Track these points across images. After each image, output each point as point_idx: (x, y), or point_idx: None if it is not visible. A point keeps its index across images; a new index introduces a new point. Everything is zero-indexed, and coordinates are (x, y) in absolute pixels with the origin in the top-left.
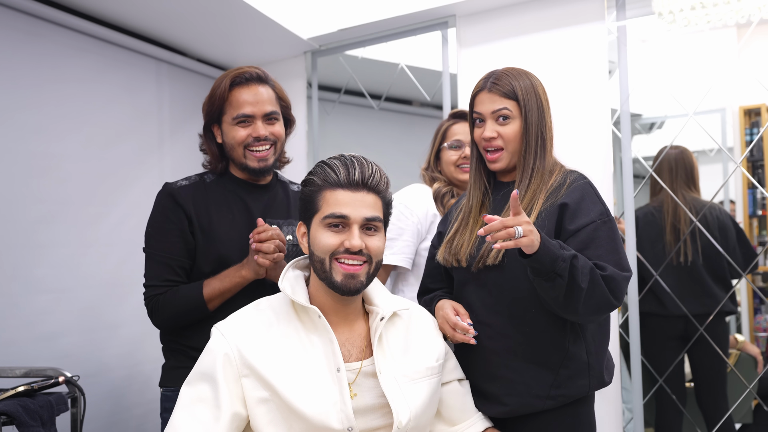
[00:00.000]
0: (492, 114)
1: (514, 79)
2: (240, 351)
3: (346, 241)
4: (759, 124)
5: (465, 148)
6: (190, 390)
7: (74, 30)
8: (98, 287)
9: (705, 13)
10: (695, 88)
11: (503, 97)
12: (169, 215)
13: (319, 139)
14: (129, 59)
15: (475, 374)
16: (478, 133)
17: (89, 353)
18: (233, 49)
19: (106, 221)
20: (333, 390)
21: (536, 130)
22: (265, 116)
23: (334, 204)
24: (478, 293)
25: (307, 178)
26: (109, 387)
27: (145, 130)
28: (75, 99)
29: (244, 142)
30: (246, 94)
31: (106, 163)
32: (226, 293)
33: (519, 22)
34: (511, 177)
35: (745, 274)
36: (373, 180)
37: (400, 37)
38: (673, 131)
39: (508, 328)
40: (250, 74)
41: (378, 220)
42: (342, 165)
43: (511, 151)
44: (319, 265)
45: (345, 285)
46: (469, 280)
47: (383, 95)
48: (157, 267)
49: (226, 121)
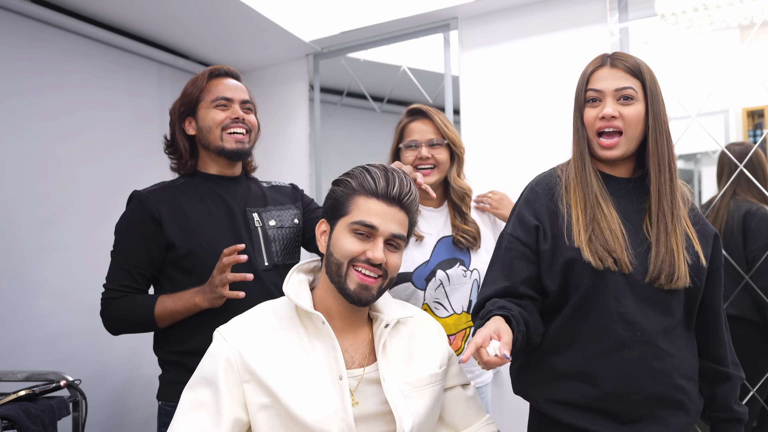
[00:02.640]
0: (615, 92)
1: (636, 59)
2: (242, 356)
3: (369, 251)
4: (762, 125)
5: (421, 149)
6: (191, 395)
7: (76, 33)
8: (100, 291)
9: (708, 15)
10: (698, 90)
11: (628, 74)
12: (133, 220)
13: (321, 141)
14: (131, 62)
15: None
16: (593, 114)
17: (91, 357)
18: (235, 52)
19: (109, 224)
20: (334, 398)
21: (663, 117)
22: (242, 102)
23: (366, 212)
24: (642, 308)
25: (343, 178)
26: (110, 391)
27: (147, 133)
28: (77, 102)
29: (222, 123)
30: (224, 82)
31: (109, 166)
32: (177, 316)
33: (521, 24)
34: (619, 171)
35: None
36: (408, 199)
37: (402, 39)
38: (676, 133)
39: (674, 349)
40: (227, 69)
41: (402, 238)
42: (383, 176)
43: (630, 138)
44: (335, 268)
45: (357, 295)
46: (629, 288)
47: (385, 98)
48: (117, 271)
49: (203, 107)
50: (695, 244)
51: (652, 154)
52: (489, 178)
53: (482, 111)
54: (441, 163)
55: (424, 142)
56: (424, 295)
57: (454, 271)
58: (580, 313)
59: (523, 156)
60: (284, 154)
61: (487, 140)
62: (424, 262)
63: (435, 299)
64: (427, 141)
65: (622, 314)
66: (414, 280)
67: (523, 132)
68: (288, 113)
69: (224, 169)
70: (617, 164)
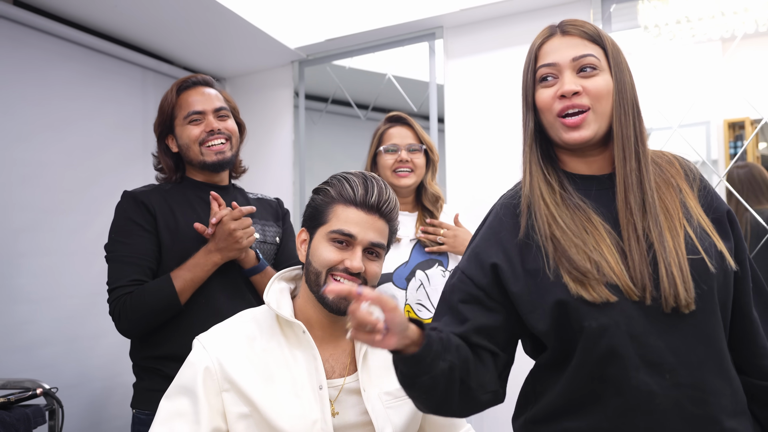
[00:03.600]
0: (572, 62)
1: (593, 25)
2: (221, 364)
3: (347, 260)
4: (743, 137)
5: (401, 152)
6: (169, 404)
7: (59, 37)
8: (80, 296)
9: (690, 27)
10: (680, 101)
11: (586, 40)
12: (132, 216)
13: (306, 148)
14: (114, 67)
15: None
16: (549, 94)
17: (70, 364)
18: (221, 58)
19: (90, 230)
20: (314, 408)
21: (630, 93)
22: (215, 111)
23: (344, 221)
24: (666, 339)
25: (322, 187)
26: (89, 398)
27: (131, 139)
28: (59, 107)
29: (199, 139)
30: (193, 94)
31: (90, 171)
32: (198, 282)
33: (505, 34)
34: (595, 166)
35: None
36: (388, 207)
37: (388, 47)
38: (658, 144)
39: (718, 382)
40: (196, 79)
41: (382, 246)
42: (362, 184)
43: (600, 113)
44: (313, 277)
45: (336, 304)
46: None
47: (370, 105)
48: (124, 268)
49: (179, 124)
50: (716, 240)
51: (616, 138)
52: (473, 186)
53: (467, 120)
54: (419, 168)
55: (404, 146)
56: (405, 295)
57: (433, 271)
58: (590, 364)
59: (508, 165)
60: (268, 161)
61: (472, 149)
62: (404, 263)
63: (417, 300)
64: (407, 145)
65: (643, 356)
66: (395, 280)
67: (508, 141)
68: (273, 120)
69: (211, 178)
70: (590, 157)
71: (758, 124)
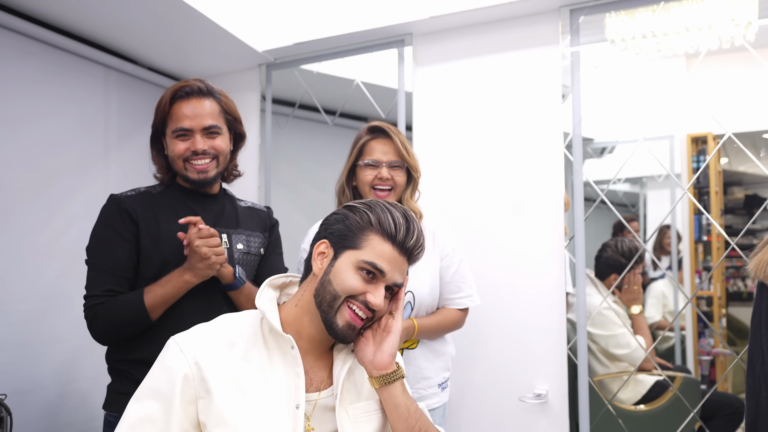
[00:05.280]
0: None
1: None
2: (199, 369)
3: (369, 294)
4: (705, 152)
5: (381, 169)
6: (139, 407)
7: (17, 32)
8: (34, 300)
9: (656, 42)
10: (645, 115)
11: None
12: (114, 225)
13: (272, 153)
14: (76, 65)
15: None
16: None
17: (21, 370)
18: (186, 58)
19: (45, 231)
20: (286, 427)
21: None
22: (204, 130)
23: (380, 255)
24: None
25: (361, 207)
26: (42, 405)
27: (91, 139)
28: (16, 104)
29: (183, 156)
30: (186, 108)
31: (47, 171)
32: (170, 299)
33: (475, 43)
34: None
35: (690, 298)
36: (419, 253)
37: (357, 53)
38: (623, 156)
39: None
40: (191, 88)
41: (400, 286)
42: (405, 225)
43: None
44: (329, 297)
45: (343, 333)
46: None
47: (338, 111)
48: (100, 276)
49: (168, 135)
50: None
51: None
52: (440, 194)
53: (435, 127)
54: (398, 186)
55: (385, 162)
56: None
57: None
58: None
59: (475, 173)
60: None
61: (439, 157)
62: None
63: None
64: (387, 162)
65: None
66: None
67: (475, 149)
68: None
69: (200, 186)
70: None
71: (720, 140)
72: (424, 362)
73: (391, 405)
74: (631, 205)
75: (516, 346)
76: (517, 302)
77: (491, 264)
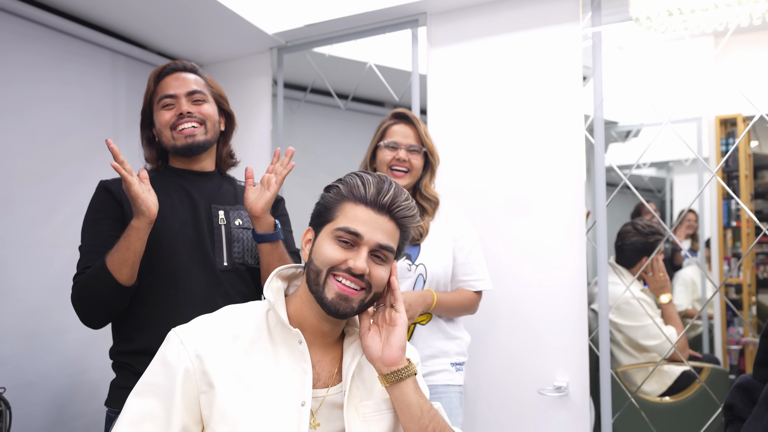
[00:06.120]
0: None
1: None
2: (201, 363)
3: (350, 260)
4: (735, 134)
5: (400, 150)
6: (139, 403)
7: (22, 17)
8: (42, 290)
9: (683, 20)
10: (672, 97)
11: None
12: (99, 206)
13: (284, 138)
14: (82, 50)
15: None
16: None
17: (29, 361)
18: (195, 43)
19: (52, 221)
20: (290, 425)
21: None
22: (188, 94)
23: (352, 219)
24: None
25: (334, 184)
26: (50, 396)
27: (99, 126)
28: (21, 90)
29: (169, 123)
30: (170, 80)
31: (54, 159)
32: (126, 253)
33: (491, 21)
34: None
35: (719, 286)
36: (400, 209)
37: (369, 34)
38: (648, 140)
39: None
40: (175, 65)
41: (390, 250)
42: (375, 183)
43: None
44: (314, 276)
45: (335, 305)
46: None
47: (350, 95)
48: (84, 258)
49: (155, 111)
50: None
51: None
52: (456, 178)
53: (450, 111)
54: (415, 169)
55: (404, 145)
56: None
57: (398, 263)
58: None
59: (491, 156)
60: (245, 150)
61: (455, 140)
62: None
63: None
64: (407, 145)
65: None
66: None
67: (491, 131)
68: (250, 108)
69: (190, 165)
70: None
71: (750, 121)
72: (436, 341)
73: (403, 404)
74: (657, 190)
75: (534, 337)
76: (535, 291)
77: (508, 251)
